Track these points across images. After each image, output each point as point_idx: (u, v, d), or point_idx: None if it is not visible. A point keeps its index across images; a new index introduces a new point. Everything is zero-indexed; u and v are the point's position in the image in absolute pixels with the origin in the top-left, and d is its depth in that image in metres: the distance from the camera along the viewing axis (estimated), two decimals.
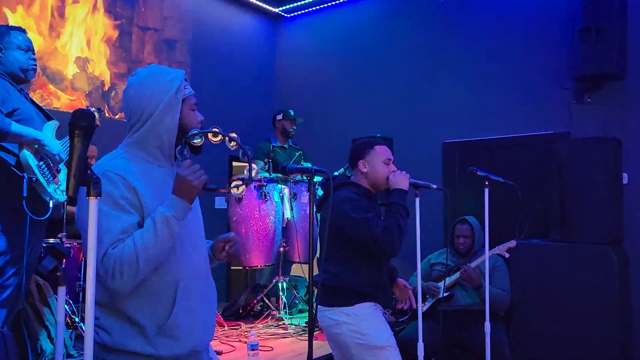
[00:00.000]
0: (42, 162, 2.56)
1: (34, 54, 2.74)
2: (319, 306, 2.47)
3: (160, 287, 1.59)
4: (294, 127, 4.97)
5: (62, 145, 2.69)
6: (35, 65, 2.75)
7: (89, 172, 1.28)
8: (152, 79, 1.68)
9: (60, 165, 2.71)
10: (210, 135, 1.67)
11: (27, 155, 2.48)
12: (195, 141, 1.66)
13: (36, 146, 2.54)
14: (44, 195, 2.54)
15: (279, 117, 4.95)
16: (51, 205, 2.59)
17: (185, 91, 1.71)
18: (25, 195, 2.44)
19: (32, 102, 2.73)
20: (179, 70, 1.75)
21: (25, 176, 2.46)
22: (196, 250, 1.71)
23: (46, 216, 2.57)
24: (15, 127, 2.43)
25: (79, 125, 1.27)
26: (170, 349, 1.59)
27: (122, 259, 1.48)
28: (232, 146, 1.70)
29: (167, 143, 1.66)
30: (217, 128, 1.67)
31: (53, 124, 2.70)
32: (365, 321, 2.40)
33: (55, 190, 2.59)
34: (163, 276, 1.59)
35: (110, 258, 1.48)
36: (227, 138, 1.68)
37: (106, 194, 1.48)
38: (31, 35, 2.91)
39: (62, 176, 2.69)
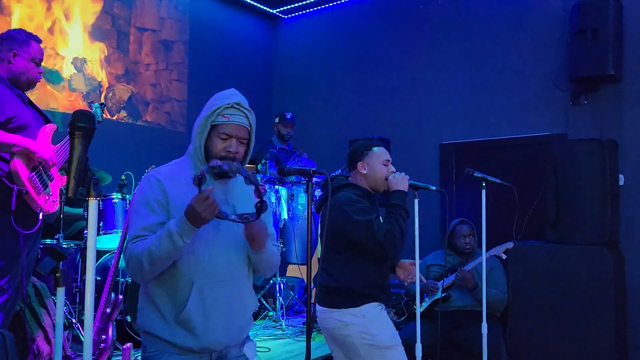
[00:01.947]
0: (33, 173, 2.50)
1: (41, 67, 2.74)
2: (323, 308, 2.47)
3: (177, 282, 1.72)
4: (289, 130, 4.98)
5: (56, 152, 2.64)
6: (40, 79, 2.76)
7: (89, 172, 1.29)
8: (210, 101, 1.83)
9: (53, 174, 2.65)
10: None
11: (18, 165, 2.43)
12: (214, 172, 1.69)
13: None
14: (34, 206, 2.49)
15: (276, 120, 5.01)
16: (40, 217, 2.53)
17: (219, 118, 1.76)
18: (13, 208, 2.39)
19: (31, 104, 2.69)
20: (236, 97, 1.81)
21: (15, 188, 2.42)
22: (221, 256, 1.76)
23: (34, 229, 2.52)
24: (3, 137, 2.38)
25: (78, 126, 1.27)
26: (185, 341, 1.71)
27: (132, 255, 1.66)
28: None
29: (201, 161, 1.79)
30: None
31: (48, 128, 2.66)
32: (373, 321, 2.40)
33: (45, 202, 2.53)
34: (180, 273, 1.71)
35: (127, 251, 1.69)
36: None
37: (142, 194, 1.74)
38: None
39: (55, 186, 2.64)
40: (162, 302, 1.72)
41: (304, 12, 6.41)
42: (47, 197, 2.54)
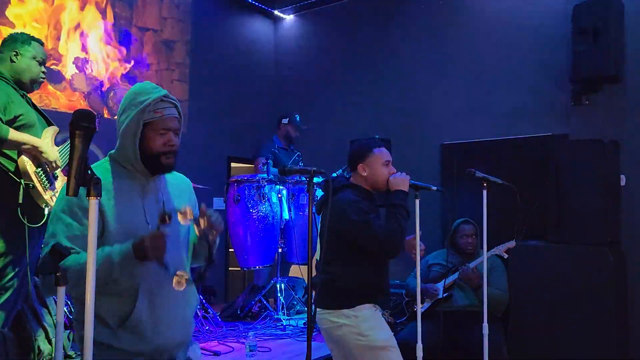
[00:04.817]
0: (40, 169, 2.55)
1: (45, 67, 2.78)
2: (320, 309, 2.47)
3: (122, 290, 1.64)
4: (298, 134, 4.97)
5: (60, 152, 2.69)
6: (44, 79, 2.80)
7: (89, 172, 1.29)
8: (129, 98, 1.74)
9: (57, 172, 2.71)
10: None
11: (26, 161, 2.48)
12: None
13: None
14: (40, 202, 2.54)
15: (285, 121, 4.92)
16: (46, 212, 2.58)
17: (152, 114, 1.70)
18: (21, 201, 2.45)
19: (34, 106, 2.74)
20: (161, 90, 1.75)
21: (22, 182, 2.46)
22: (166, 254, 1.71)
23: (40, 223, 2.56)
24: (13, 135, 2.43)
25: (79, 125, 1.27)
26: (134, 345, 1.65)
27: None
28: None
29: (134, 161, 1.72)
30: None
31: (52, 130, 2.70)
32: (365, 322, 2.40)
33: (51, 198, 2.58)
34: (123, 281, 1.62)
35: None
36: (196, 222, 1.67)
37: (66, 200, 1.59)
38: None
39: (59, 183, 2.70)
40: (105, 311, 1.63)
41: (305, 11, 6.41)
42: (52, 194, 2.59)
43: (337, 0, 6.09)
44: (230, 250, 4.46)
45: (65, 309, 3.08)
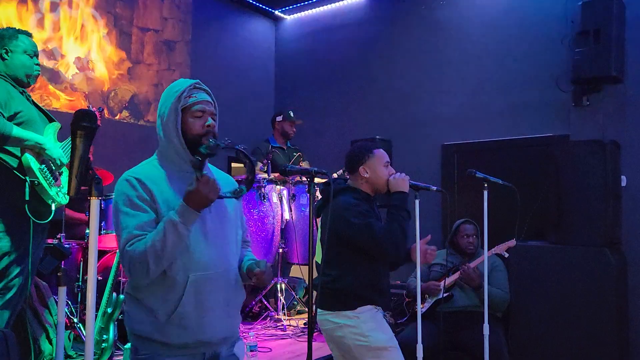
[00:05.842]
0: (44, 165, 2.56)
1: (38, 60, 2.76)
2: (319, 310, 2.48)
3: (171, 280, 1.69)
4: (294, 129, 4.96)
5: (63, 148, 2.69)
6: (39, 71, 2.78)
7: (90, 172, 1.29)
8: (166, 93, 1.82)
9: (62, 168, 2.71)
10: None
11: (29, 158, 2.48)
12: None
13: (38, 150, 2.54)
14: (46, 198, 2.54)
15: (279, 118, 4.92)
16: (53, 208, 2.59)
17: (187, 100, 1.78)
18: (27, 198, 2.45)
19: (34, 103, 2.74)
20: (192, 80, 1.84)
21: (28, 179, 2.47)
22: (212, 247, 1.75)
23: (49, 219, 2.58)
24: (17, 131, 2.43)
25: (80, 125, 1.28)
26: (178, 337, 1.69)
27: (134, 258, 1.62)
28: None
29: (180, 150, 1.77)
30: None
31: (54, 126, 2.70)
32: (366, 323, 2.41)
33: (57, 193, 2.59)
34: (174, 270, 1.68)
35: (126, 255, 1.64)
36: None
37: (125, 196, 1.68)
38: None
39: (64, 179, 2.69)
40: (154, 303, 1.69)
41: (306, 12, 6.41)
42: (58, 190, 2.59)
43: (338, 1, 6.10)
44: None
45: (65, 309, 3.09)
